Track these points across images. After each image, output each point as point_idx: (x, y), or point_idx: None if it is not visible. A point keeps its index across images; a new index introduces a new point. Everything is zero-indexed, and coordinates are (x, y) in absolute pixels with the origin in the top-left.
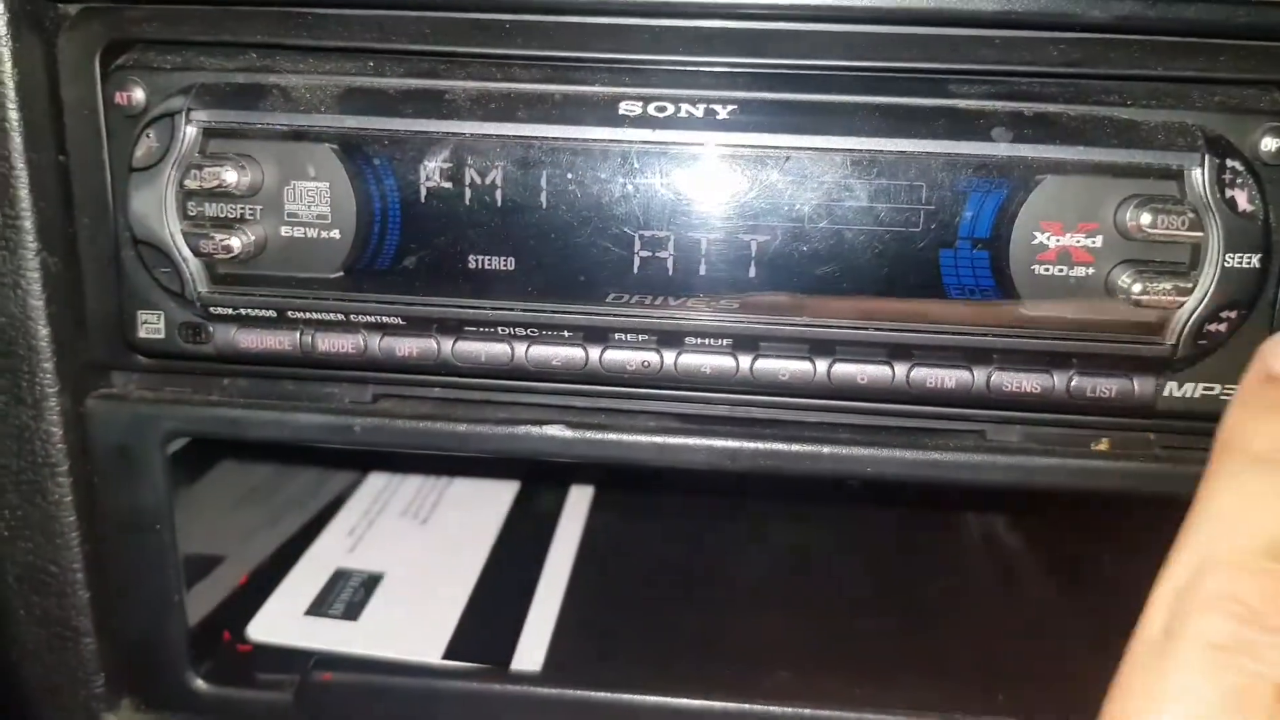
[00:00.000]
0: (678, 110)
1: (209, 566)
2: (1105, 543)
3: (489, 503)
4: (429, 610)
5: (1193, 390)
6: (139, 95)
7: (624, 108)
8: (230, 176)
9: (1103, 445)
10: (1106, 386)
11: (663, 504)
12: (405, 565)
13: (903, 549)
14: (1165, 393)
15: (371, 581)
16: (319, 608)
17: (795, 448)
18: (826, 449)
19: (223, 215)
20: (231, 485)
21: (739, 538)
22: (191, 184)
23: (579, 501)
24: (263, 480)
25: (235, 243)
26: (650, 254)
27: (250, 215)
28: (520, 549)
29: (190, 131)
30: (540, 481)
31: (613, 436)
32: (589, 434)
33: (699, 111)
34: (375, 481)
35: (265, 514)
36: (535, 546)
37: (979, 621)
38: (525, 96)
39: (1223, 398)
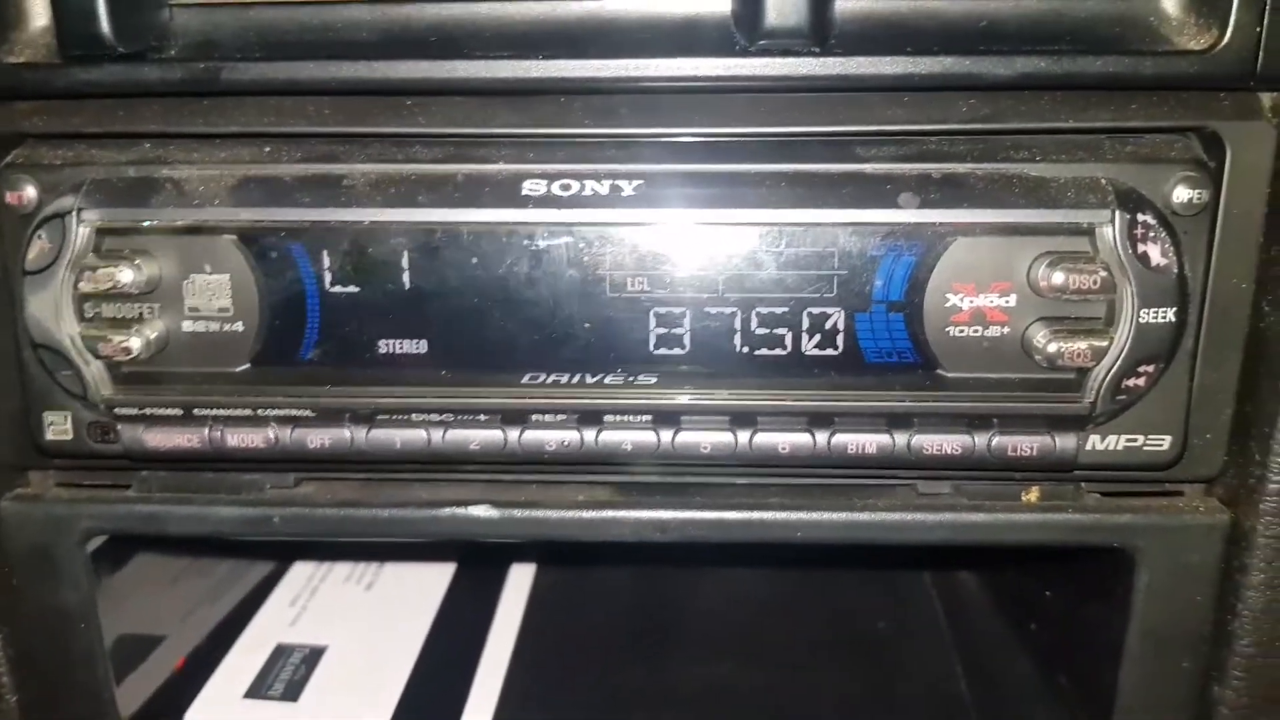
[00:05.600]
0: (582, 188)
1: (145, 650)
2: (1057, 587)
3: (435, 565)
4: (371, 684)
5: (1115, 443)
6: (30, 193)
7: (527, 187)
8: (125, 276)
9: (1032, 495)
10: (1028, 445)
11: (608, 564)
12: (347, 636)
13: (855, 600)
14: (1087, 447)
15: (313, 656)
16: (259, 689)
17: (725, 515)
18: (756, 515)
19: (120, 315)
20: (167, 562)
21: (686, 599)
22: (86, 286)
23: (524, 562)
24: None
25: (135, 343)
26: (563, 333)
27: (149, 314)
28: (465, 613)
29: (82, 232)
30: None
31: (539, 514)
32: (515, 512)
33: (604, 189)
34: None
35: (205, 588)
36: (481, 609)
37: (935, 671)
38: (427, 179)
39: (1145, 449)
